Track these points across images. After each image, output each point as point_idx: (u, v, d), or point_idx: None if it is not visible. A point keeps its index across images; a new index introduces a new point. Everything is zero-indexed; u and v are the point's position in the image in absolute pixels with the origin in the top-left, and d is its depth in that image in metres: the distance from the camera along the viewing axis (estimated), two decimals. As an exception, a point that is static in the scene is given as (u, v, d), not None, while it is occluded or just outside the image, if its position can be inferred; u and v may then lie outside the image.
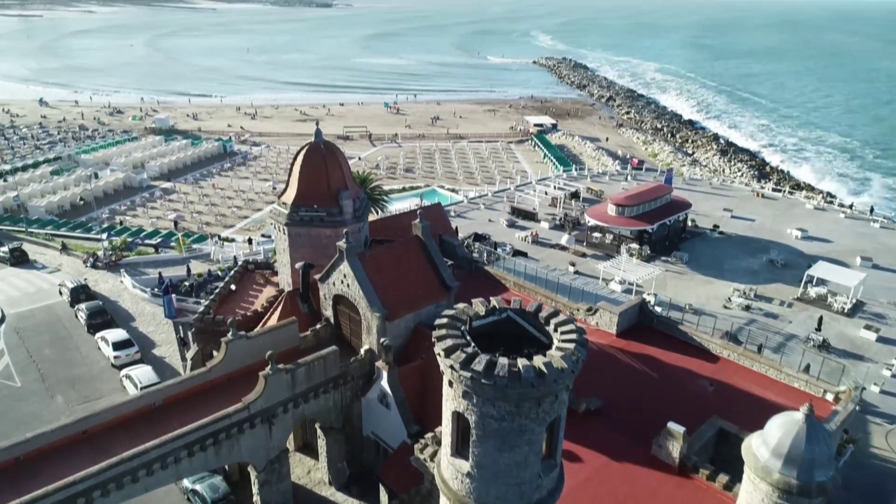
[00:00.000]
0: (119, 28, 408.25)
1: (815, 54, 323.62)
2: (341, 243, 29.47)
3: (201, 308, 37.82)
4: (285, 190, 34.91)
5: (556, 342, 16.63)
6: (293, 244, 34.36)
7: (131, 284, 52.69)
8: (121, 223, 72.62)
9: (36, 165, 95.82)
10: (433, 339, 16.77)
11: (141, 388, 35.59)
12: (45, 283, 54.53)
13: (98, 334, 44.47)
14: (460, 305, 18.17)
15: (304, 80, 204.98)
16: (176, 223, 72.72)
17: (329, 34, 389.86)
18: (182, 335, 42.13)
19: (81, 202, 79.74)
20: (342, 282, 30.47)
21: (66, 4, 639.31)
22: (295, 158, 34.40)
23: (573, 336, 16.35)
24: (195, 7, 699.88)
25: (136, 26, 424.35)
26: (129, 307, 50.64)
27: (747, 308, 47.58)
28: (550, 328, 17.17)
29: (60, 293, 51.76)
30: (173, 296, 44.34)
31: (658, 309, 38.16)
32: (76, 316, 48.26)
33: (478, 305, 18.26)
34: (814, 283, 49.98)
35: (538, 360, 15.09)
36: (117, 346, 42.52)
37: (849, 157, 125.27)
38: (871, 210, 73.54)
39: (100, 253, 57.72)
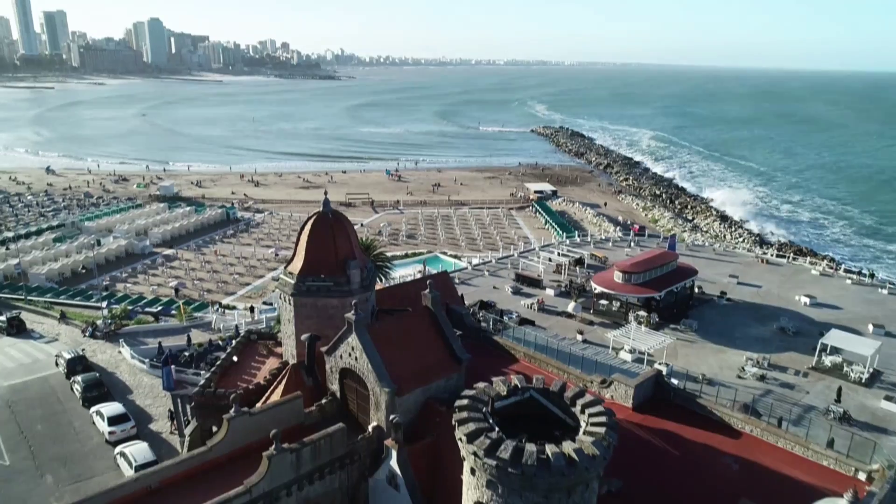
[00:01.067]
0: (128, 99, 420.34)
1: (798, 121, 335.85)
2: (350, 315, 28.73)
3: (201, 380, 36.65)
4: (292, 259, 34.40)
5: (584, 425, 15.70)
6: (299, 315, 33.58)
7: (130, 355, 51.48)
8: (121, 291, 72.03)
9: (39, 232, 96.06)
10: (454, 423, 15.83)
11: (136, 468, 33.97)
12: (42, 354, 53.29)
13: (93, 408, 42.99)
14: (480, 385, 17.29)
15: (308, 149, 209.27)
16: (177, 290, 72.12)
17: (331, 104, 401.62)
18: (181, 409, 40.69)
19: (83, 270, 79.29)
20: (350, 355, 29.54)
21: (78, 77, 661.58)
22: (302, 228, 34.09)
23: (602, 419, 15.44)
24: (202, 80, 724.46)
25: (145, 97, 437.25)
26: (127, 379, 49.26)
27: (762, 378, 46.31)
28: (577, 409, 16.26)
29: (57, 364, 50.46)
30: (172, 367, 43.15)
31: (674, 381, 37.00)
32: (72, 388, 46.84)
33: (499, 385, 17.40)
34: (828, 351, 48.90)
35: (567, 447, 14.16)
36: (112, 420, 40.99)
37: (846, 223, 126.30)
38: (872, 275, 73.27)
39: (99, 322, 56.76)
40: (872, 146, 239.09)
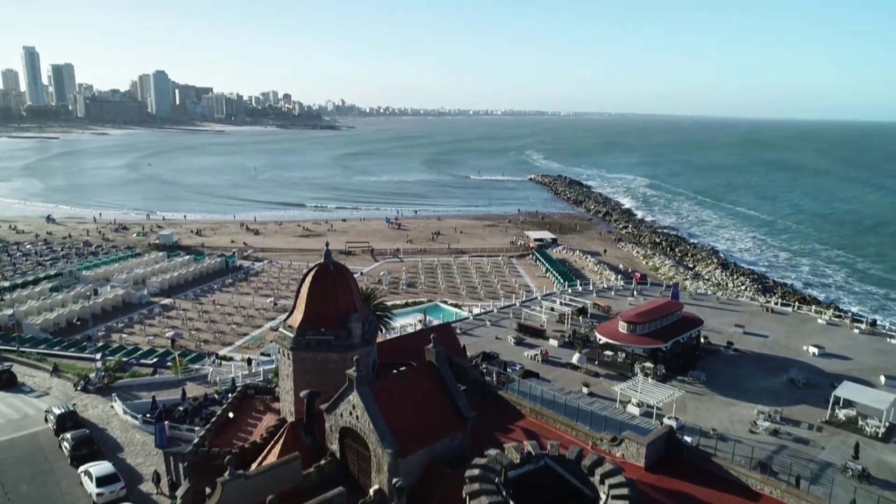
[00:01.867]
0: (129, 148, 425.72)
1: (787, 168, 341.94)
2: (351, 371, 27.74)
3: (196, 437, 35.24)
4: (291, 312, 33.55)
5: (603, 497, 14.62)
6: (298, 370, 32.51)
7: (122, 410, 49.92)
8: (117, 341, 70.74)
9: (36, 282, 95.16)
10: (464, 495, 14.75)
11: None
12: (31, 409, 51.69)
13: (82, 468, 41.25)
14: (492, 452, 16.26)
15: (307, 197, 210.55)
16: (173, 341, 70.89)
17: (329, 152, 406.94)
18: (174, 468, 39.07)
19: (78, 322, 77.87)
20: (351, 413, 28.38)
21: (82, 127, 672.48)
22: (303, 280, 33.37)
23: (624, 491, 14.40)
24: (204, 130, 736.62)
25: (147, 147, 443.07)
26: (119, 435, 47.60)
27: (775, 433, 44.81)
28: (595, 479, 15.19)
29: (46, 420, 48.85)
30: (166, 423, 41.69)
31: (688, 439, 35.66)
32: (60, 446, 45.14)
33: (512, 452, 16.38)
34: (841, 404, 47.54)
35: (589, 523, 13.10)
36: (101, 481, 39.27)
37: (848, 270, 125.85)
38: (874, 323, 72.38)
39: (91, 375, 55.35)
40: (857, 193, 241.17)
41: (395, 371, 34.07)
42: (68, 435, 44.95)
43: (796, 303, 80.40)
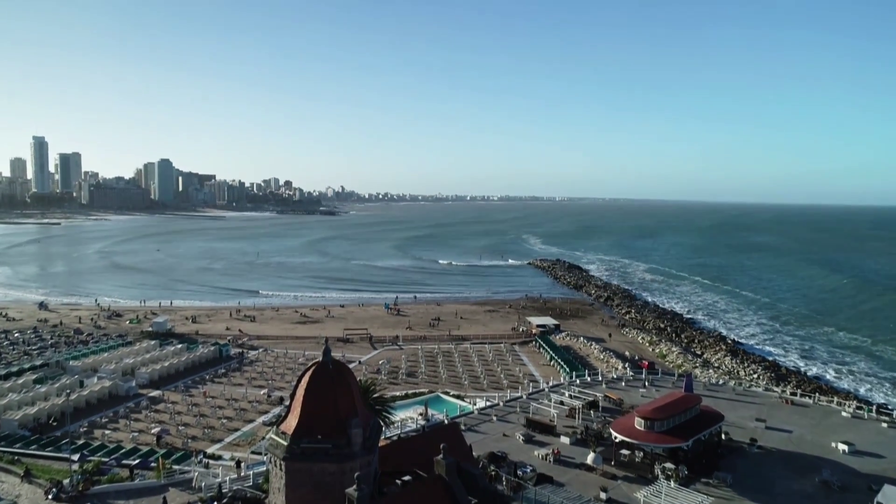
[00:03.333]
0: (129, 234, 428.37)
1: (768, 250, 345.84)
2: (351, 491, 24.60)
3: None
4: (285, 417, 30.61)
5: None
6: (291, 482, 29.19)
7: (96, 522, 45.38)
8: (99, 438, 66.30)
9: (20, 373, 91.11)
10: None
11: None
12: (-4, 520, 47.14)
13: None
14: None
15: (304, 282, 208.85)
16: (159, 438, 66.58)
17: (328, 237, 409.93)
18: None
19: (54, 423, 72.38)
20: (349, 537, 24.97)
21: (84, 213, 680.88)
22: (299, 381, 30.68)
23: None
24: (205, 215, 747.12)
25: (147, 232, 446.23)
26: (89, 551, 42.95)
27: (817, 546, 40.60)
28: None
29: (11, 534, 44.30)
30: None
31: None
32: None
33: None
34: (885, 511, 43.51)
35: None
36: None
37: (864, 355, 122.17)
38: (877, 409, 68.91)
39: (66, 481, 50.90)
40: (849, 275, 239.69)
41: (399, 482, 30.74)
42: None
43: (816, 393, 76.71)
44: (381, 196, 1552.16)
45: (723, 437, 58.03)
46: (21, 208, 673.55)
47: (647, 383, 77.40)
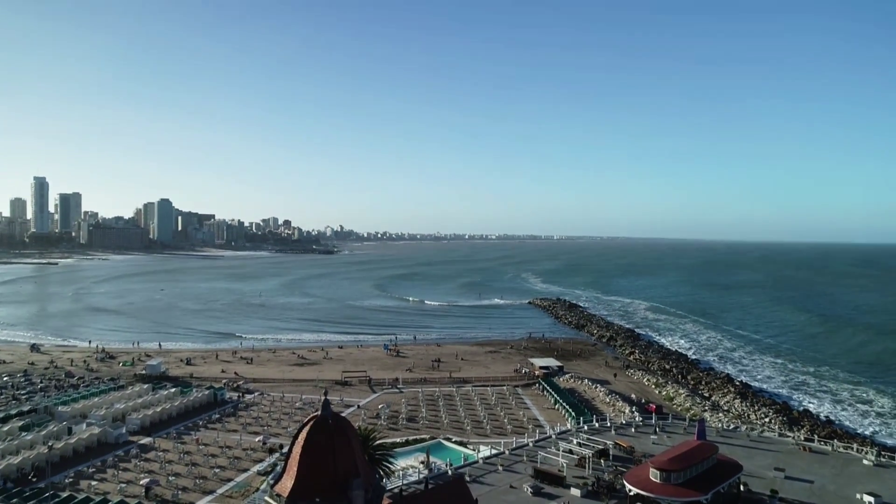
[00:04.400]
0: (126, 274, 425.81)
1: (760, 287, 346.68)
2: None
3: None
4: (281, 476, 28.26)
5: None
6: (286, 550, 26.69)
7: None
8: (84, 490, 63.03)
9: (6, 419, 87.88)
10: None
11: None
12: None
13: None
14: None
15: (305, 322, 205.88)
16: (147, 490, 63.46)
17: (326, 274, 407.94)
18: None
19: (33, 479, 68.64)
20: None
21: (83, 253, 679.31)
22: (296, 437, 28.48)
23: None
24: (202, 254, 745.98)
25: (144, 272, 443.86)
26: None
27: None
28: None
29: None
30: None
31: None
32: None
33: None
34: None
35: None
36: None
37: (874, 392, 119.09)
38: (880, 453, 66.18)
39: (46, 540, 47.87)
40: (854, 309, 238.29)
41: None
42: None
43: (834, 440, 73.75)
44: (379, 235, 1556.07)
45: (741, 487, 55.14)
46: (20, 248, 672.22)
47: (657, 429, 74.48)
